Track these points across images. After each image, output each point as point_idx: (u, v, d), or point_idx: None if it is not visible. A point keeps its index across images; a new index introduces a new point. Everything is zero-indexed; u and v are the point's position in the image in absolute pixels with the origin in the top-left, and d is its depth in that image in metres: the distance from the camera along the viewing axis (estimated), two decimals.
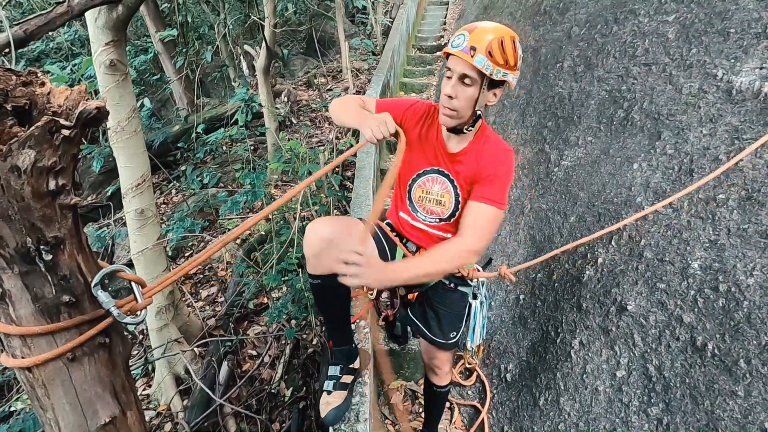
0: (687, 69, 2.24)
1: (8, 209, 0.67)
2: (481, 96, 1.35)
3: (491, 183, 1.41)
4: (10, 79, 0.73)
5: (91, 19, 2.37)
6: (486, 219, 1.40)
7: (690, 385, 1.54)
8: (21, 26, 1.74)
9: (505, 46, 1.30)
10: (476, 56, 1.28)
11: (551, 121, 3.06)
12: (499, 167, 1.43)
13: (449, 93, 1.36)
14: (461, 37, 1.32)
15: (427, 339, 1.77)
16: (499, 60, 1.30)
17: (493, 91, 1.39)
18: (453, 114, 1.39)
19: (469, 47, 1.29)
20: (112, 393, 0.86)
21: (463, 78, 1.33)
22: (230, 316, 3.52)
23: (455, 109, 1.37)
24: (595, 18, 3.14)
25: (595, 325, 1.96)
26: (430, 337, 1.75)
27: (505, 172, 1.44)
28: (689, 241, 1.79)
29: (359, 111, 1.51)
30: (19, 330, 0.72)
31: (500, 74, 1.32)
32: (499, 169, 1.43)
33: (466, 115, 1.39)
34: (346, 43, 7.66)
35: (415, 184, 1.61)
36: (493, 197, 1.40)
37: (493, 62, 1.29)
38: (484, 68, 1.29)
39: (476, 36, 1.30)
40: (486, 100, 1.39)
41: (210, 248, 0.92)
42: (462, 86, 1.34)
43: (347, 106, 1.56)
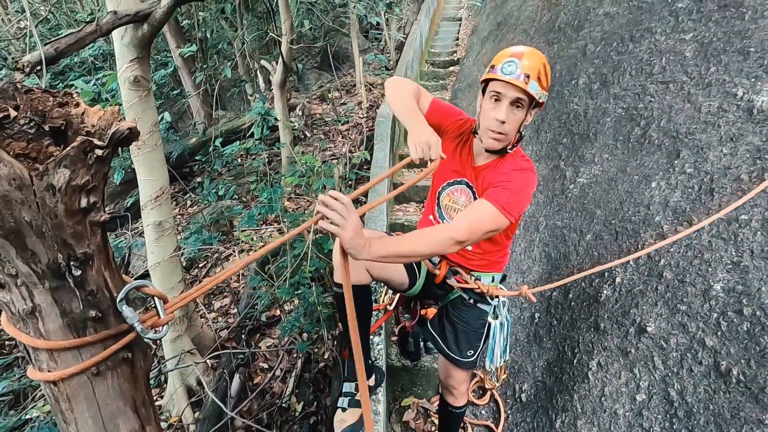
0: (706, 88, 2.22)
1: (42, 226, 0.69)
2: (526, 118, 1.43)
3: (502, 187, 1.40)
4: (48, 101, 0.76)
5: (117, 36, 2.45)
6: (482, 214, 1.36)
7: (714, 412, 1.49)
8: (52, 45, 1.81)
9: (547, 71, 1.40)
10: (530, 83, 1.35)
11: (566, 138, 3.05)
12: (513, 175, 1.43)
13: (503, 118, 1.39)
14: (513, 65, 1.36)
15: (444, 354, 1.76)
16: (545, 84, 1.40)
17: (532, 111, 1.45)
18: (502, 138, 1.43)
19: (524, 74, 1.35)
20: (133, 408, 0.86)
21: (516, 102, 1.39)
22: (243, 328, 3.53)
23: (505, 133, 1.42)
24: (611, 36, 3.15)
25: (613, 346, 1.92)
26: (447, 352, 1.74)
27: (518, 180, 1.42)
28: (711, 263, 1.75)
29: (413, 110, 1.47)
30: (47, 344, 0.74)
31: (544, 97, 1.41)
32: (516, 177, 1.42)
33: (512, 138, 1.45)
34: (360, 58, 7.78)
35: (444, 192, 1.66)
36: (498, 198, 1.37)
37: (541, 87, 1.38)
38: (536, 94, 1.37)
39: (527, 63, 1.36)
40: (527, 120, 1.45)
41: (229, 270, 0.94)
42: (513, 111, 1.40)
43: (404, 97, 1.51)
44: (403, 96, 1.52)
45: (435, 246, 1.28)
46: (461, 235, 1.29)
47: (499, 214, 1.35)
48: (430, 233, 1.30)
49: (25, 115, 0.71)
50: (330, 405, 2.67)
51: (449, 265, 1.69)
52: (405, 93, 1.53)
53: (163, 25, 2.41)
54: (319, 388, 2.97)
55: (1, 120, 0.68)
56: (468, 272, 1.68)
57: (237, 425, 2.79)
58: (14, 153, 0.68)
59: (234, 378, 3.10)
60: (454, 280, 1.67)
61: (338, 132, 7.06)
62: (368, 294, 1.70)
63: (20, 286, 0.71)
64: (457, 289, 1.68)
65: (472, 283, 1.64)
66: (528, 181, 1.44)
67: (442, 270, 1.68)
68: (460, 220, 1.35)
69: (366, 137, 6.08)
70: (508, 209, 1.36)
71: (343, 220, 1.09)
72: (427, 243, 1.27)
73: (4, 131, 0.69)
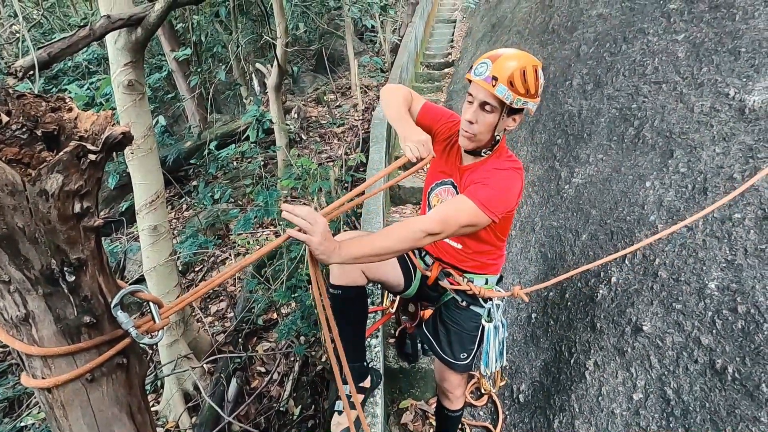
0: (698, 88, 2.24)
1: (35, 232, 0.69)
2: (500, 122, 1.39)
3: (481, 184, 1.39)
4: (40, 106, 0.76)
5: (111, 40, 2.44)
6: (457, 207, 1.34)
7: (710, 410, 1.50)
8: (45, 49, 1.80)
9: (527, 76, 1.31)
10: (498, 86, 1.31)
11: (561, 139, 3.06)
12: (498, 173, 1.41)
13: (470, 118, 1.39)
14: (484, 66, 1.34)
15: (437, 356, 1.76)
16: (520, 89, 1.32)
17: (513, 117, 1.41)
18: (471, 137, 1.42)
19: (491, 76, 1.31)
20: (129, 414, 0.86)
21: (484, 105, 1.36)
22: (239, 332, 3.52)
23: (474, 133, 1.41)
24: (604, 37, 3.17)
25: (609, 345, 1.93)
26: (440, 354, 1.74)
27: (500, 178, 1.39)
28: (705, 261, 1.76)
29: (404, 114, 1.51)
30: (40, 351, 0.73)
31: (520, 103, 1.34)
32: (496, 175, 1.40)
33: (485, 140, 1.43)
34: (355, 60, 7.79)
35: (433, 193, 1.67)
36: (476, 194, 1.35)
37: (513, 92, 1.31)
38: (505, 97, 1.32)
39: (499, 65, 1.32)
40: (505, 125, 1.42)
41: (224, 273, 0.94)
42: (482, 113, 1.38)
43: (396, 102, 1.55)
44: (394, 102, 1.56)
45: (407, 239, 1.25)
46: (432, 227, 1.27)
47: (476, 209, 1.33)
48: (401, 227, 1.28)
49: (17, 120, 0.70)
50: (327, 408, 2.66)
51: (441, 267, 1.69)
52: (396, 99, 1.57)
53: (156, 29, 2.40)
54: (316, 392, 2.96)
55: None
56: (461, 274, 1.66)
57: (234, 430, 2.78)
58: (6, 158, 0.67)
59: (231, 382, 3.08)
60: (446, 282, 1.66)
61: (334, 134, 7.07)
62: (363, 296, 1.69)
63: (13, 292, 0.71)
64: (449, 290, 1.67)
65: (464, 285, 1.63)
66: (510, 181, 1.41)
67: (433, 271, 1.68)
68: (433, 212, 1.34)
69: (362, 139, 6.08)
70: (486, 205, 1.33)
71: (309, 226, 1.08)
72: (398, 237, 1.25)
73: None
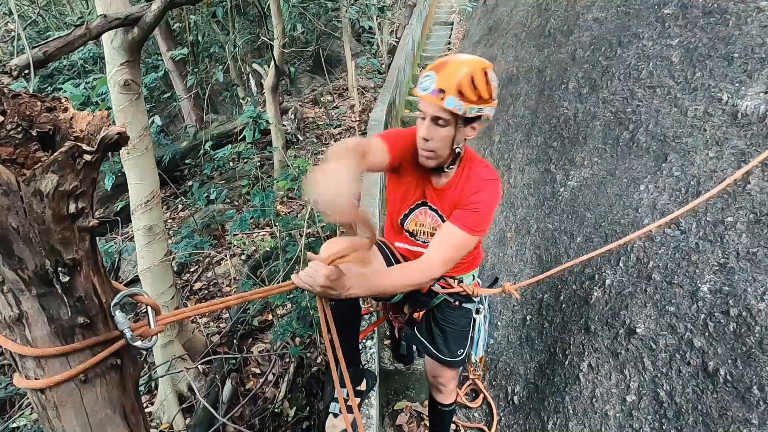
0: (692, 92, 2.26)
1: (29, 232, 0.69)
2: (457, 134, 1.30)
3: (471, 211, 1.37)
4: (36, 105, 0.76)
5: (107, 40, 2.43)
6: (454, 243, 1.36)
7: (702, 412, 1.51)
8: (41, 48, 1.79)
9: (476, 82, 1.22)
10: (446, 98, 1.21)
11: (557, 142, 3.08)
12: (481, 196, 1.37)
13: (424, 135, 1.30)
14: (428, 79, 1.24)
15: (435, 358, 1.76)
16: (471, 97, 1.22)
17: (471, 125, 1.33)
18: (431, 155, 1.34)
19: (438, 90, 1.22)
20: (122, 415, 0.85)
21: (437, 120, 1.27)
22: (235, 333, 3.50)
23: (432, 150, 1.33)
24: (600, 41, 3.20)
25: (603, 347, 1.94)
26: (438, 356, 1.75)
27: (487, 201, 1.38)
28: (698, 264, 1.78)
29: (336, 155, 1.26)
30: (34, 351, 0.73)
31: (474, 111, 1.25)
32: (480, 198, 1.37)
33: (445, 155, 1.35)
34: (352, 61, 7.80)
35: (408, 219, 1.57)
36: (470, 224, 1.35)
37: (465, 101, 1.22)
38: (456, 109, 1.22)
39: (444, 76, 1.22)
40: (464, 135, 1.33)
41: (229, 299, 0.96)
42: (436, 128, 1.28)
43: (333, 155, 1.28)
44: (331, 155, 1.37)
45: (414, 284, 1.35)
46: (440, 271, 1.36)
47: (470, 237, 1.36)
48: (409, 276, 1.34)
49: (12, 120, 0.70)
50: (323, 410, 2.65)
51: None
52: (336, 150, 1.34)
53: (153, 28, 2.39)
54: (311, 393, 2.95)
55: None
56: (450, 277, 1.68)
57: (229, 431, 2.77)
58: (1, 158, 0.67)
59: (226, 383, 3.07)
60: (438, 286, 1.67)
61: (331, 135, 7.07)
62: (355, 300, 1.68)
63: (6, 292, 0.70)
64: (442, 294, 1.68)
65: (456, 287, 1.65)
66: (494, 197, 1.39)
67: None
68: (435, 256, 1.35)
69: None
70: (477, 229, 1.37)
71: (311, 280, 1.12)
72: (408, 282, 1.34)
73: None
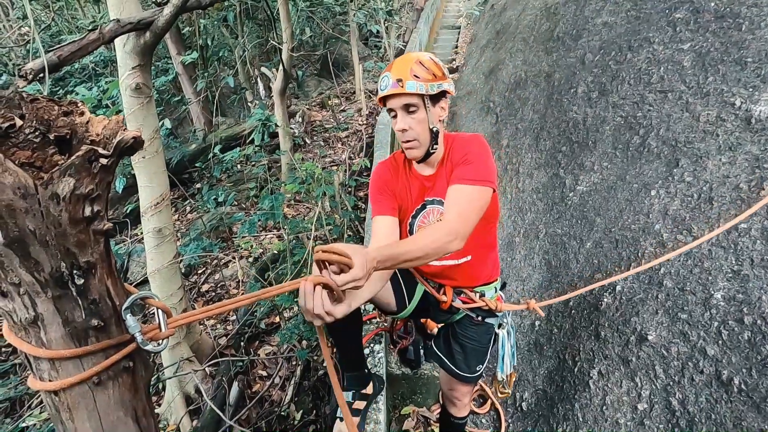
0: (704, 97, 2.24)
1: (46, 235, 0.69)
2: (429, 115, 1.38)
3: (464, 164, 1.38)
4: (53, 109, 0.77)
5: (120, 44, 2.46)
6: (465, 198, 1.33)
7: (716, 422, 1.49)
8: (55, 52, 1.81)
9: (425, 64, 1.34)
10: (406, 84, 1.32)
11: (566, 146, 3.06)
12: (466, 147, 1.41)
13: (402, 127, 1.38)
14: (386, 79, 1.36)
15: (452, 374, 1.71)
16: (427, 76, 1.33)
17: (439, 104, 1.40)
18: (414, 144, 1.40)
19: (396, 81, 1.33)
20: (134, 418, 0.86)
21: (407, 108, 1.36)
22: (242, 336, 3.51)
23: (414, 138, 1.39)
24: (609, 45, 3.18)
25: (614, 354, 1.92)
26: (456, 372, 1.69)
27: (476, 151, 1.39)
28: (711, 271, 1.75)
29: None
30: (49, 353, 0.73)
31: (435, 88, 1.35)
32: (466, 150, 1.40)
33: (426, 138, 1.40)
34: (359, 65, 7.83)
35: (416, 222, 1.56)
36: (469, 176, 1.34)
37: (423, 81, 1.33)
38: (419, 90, 1.32)
39: (396, 69, 1.34)
40: (436, 115, 1.40)
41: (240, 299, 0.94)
42: (409, 116, 1.37)
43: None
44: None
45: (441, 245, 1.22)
46: (459, 227, 1.25)
47: (477, 188, 1.33)
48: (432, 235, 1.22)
49: (30, 124, 0.71)
50: (329, 413, 2.65)
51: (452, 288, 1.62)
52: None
53: (165, 33, 2.42)
54: (318, 396, 2.95)
55: (6, 129, 0.68)
56: (471, 290, 1.62)
57: None
58: (19, 162, 0.68)
59: (232, 386, 3.08)
60: (459, 302, 1.61)
61: (338, 139, 7.09)
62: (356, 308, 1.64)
63: (23, 294, 0.71)
64: (464, 309, 1.62)
65: (478, 301, 1.59)
66: (479, 145, 1.41)
67: (448, 295, 1.60)
68: (450, 214, 1.30)
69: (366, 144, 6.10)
70: (480, 178, 1.34)
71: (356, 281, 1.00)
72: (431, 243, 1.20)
73: (10, 140, 0.69)
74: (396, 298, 1.62)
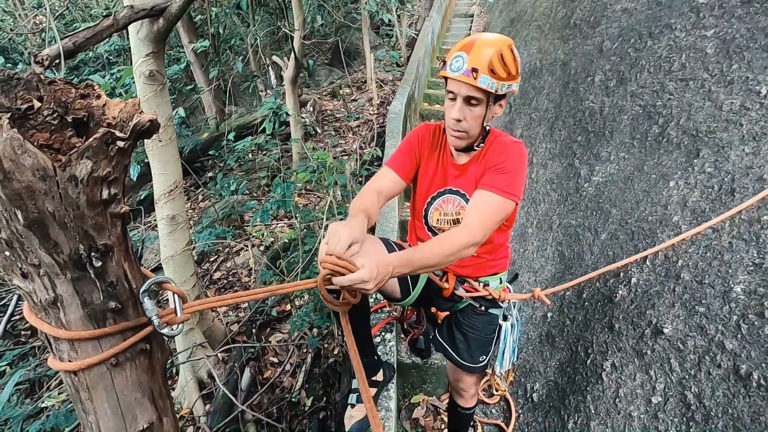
0: (728, 85, 2.17)
1: (65, 217, 0.70)
2: (488, 112, 1.33)
3: (498, 171, 1.34)
4: (70, 92, 0.76)
5: (133, 31, 2.46)
6: (488, 206, 1.30)
7: (733, 416, 1.46)
8: (70, 38, 1.82)
9: (505, 59, 1.26)
10: (479, 77, 1.24)
11: (581, 136, 3.01)
12: (506, 155, 1.36)
13: (456, 116, 1.33)
14: (459, 59, 1.27)
15: (456, 363, 1.70)
16: (502, 74, 1.26)
17: (499, 103, 1.36)
18: (463, 135, 1.37)
19: (470, 69, 1.24)
20: (151, 399, 0.87)
21: (469, 100, 1.30)
22: (253, 323, 3.55)
23: (464, 131, 1.35)
24: (628, 32, 3.09)
25: (628, 347, 1.89)
26: (459, 361, 1.69)
27: (513, 160, 1.35)
28: (731, 264, 1.71)
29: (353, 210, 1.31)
30: (68, 334, 0.74)
31: (505, 88, 1.29)
32: (505, 157, 1.36)
33: (476, 134, 1.38)
34: (371, 54, 7.76)
35: (432, 206, 1.56)
36: (499, 185, 1.31)
37: (496, 78, 1.25)
38: (489, 87, 1.26)
39: (475, 55, 1.25)
40: (493, 113, 1.37)
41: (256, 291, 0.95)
42: (468, 107, 1.32)
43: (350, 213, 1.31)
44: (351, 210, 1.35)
45: (458, 251, 1.23)
46: (478, 237, 1.25)
47: (503, 200, 1.31)
48: (446, 243, 1.22)
49: (48, 105, 0.71)
50: (339, 400, 2.67)
51: (455, 276, 1.61)
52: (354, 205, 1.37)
53: (178, 19, 2.41)
54: (328, 384, 2.98)
55: (25, 111, 0.68)
56: (475, 279, 1.61)
57: (247, 418, 2.82)
58: (38, 144, 0.68)
59: (244, 371, 3.12)
60: (462, 290, 1.60)
61: (349, 128, 7.06)
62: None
63: (43, 276, 0.72)
64: (466, 298, 1.62)
65: (481, 291, 1.58)
66: (519, 156, 1.37)
67: (450, 283, 1.59)
68: (472, 221, 1.29)
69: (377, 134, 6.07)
70: (510, 191, 1.31)
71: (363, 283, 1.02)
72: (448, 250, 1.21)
73: (28, 122, 0.69)
74: (400, 285, 1.63)
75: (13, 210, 0.66)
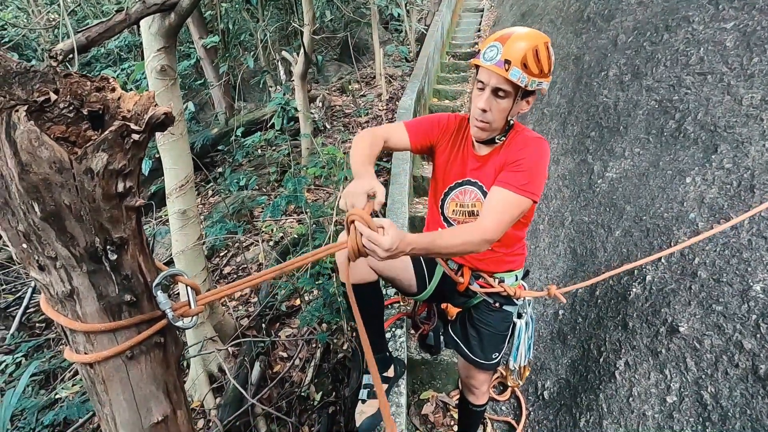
0: (748, 79, 2.12)
1: (81, 210, 0.69)
2: (514, 107, 1.32)
3: (515, 169, 1.32)
4: (86, 85, 0.76)
5: (145, 26, 2.47)
6: (504, 204, 1.29)
7: (751, 417, 1.43)
8: (83, 33, 1.83)
9: (540, 55, 1.24)
10: (511, 70, 1.23)
11: (595, 131, 2.96)
12: (526, 151, 1.34)
13: (483, 106, 1.31)
14: (494, 49, 1.26)
15: (468, 360, 1.69)
16: (534, 70, 1.25)
17: (527, 99, 1.35)
18: (486, 126, 1.35)
19: (503, 60, 1.23)
20: (165, 392, 0.87)
21: (497, 91, 1.29)
22: (263, 317, 3.57)
23: (488, 122, 1.34)
24: (644, 25, 3.03)
25: (642, 345, 1.87)
26: (472, 357, 1.68)
27: (535, 158, 1.33)
28: (750, 262, 1.68)
29: (361, 158, 1.33)
30: (84, 326, 0.74)
31: (535, 84, 1.28)
32: (525, 154, 1.33)
33: (499, 127, 1.36)
34: (380, 49, 7.72)
35: (449, 197, 1.55)
36: (516, 183, 1.29)
37: (528, 73, 1.24)
38: (519, 81, 1.24)
39: (510, 47, 1.24)
40: (519, 109, 1.35)
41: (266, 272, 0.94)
42: (496, 99, 1.30)
43: (358, 146, 1.37)
44: (358, 144, 1.39)
45: (471, 246, 1.24)
46: (492, 234, 1.25)
47: (520, 198, 1.29)
48: (460, 236, 1.23)
49: (64, 98, 0.71)
50: (349, 396, 2.68)
51: (471, 270, 1.60)
52: (362, 141, 1.40)
53: (189, 13, 2.42)
54: (337, 379, 2.99)
55: (42, 103, 0.68)
56: (490, 275, 1.59)
57: (257, 412, 2.84)
58: (54, 136, 0.68)
59: (254, 366, 3.14)
60: (477, 285, 1.59)
61: (358, 124, 7.05)
62: (377, 289, 1.64)
63: (59, 268, 0.72)
64: (481, 294, 1.60)
65: (497, 287, 1.56)
66: (540, 153, 1.34)
67: (465, 277, 1.58)
68: (486, 218, 1.28)
69: None
70: (527, 189, 1.29)
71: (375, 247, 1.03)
72: (461, 243, 1.21)
73: (45, 115, 0.69)
74: (417, 279, 1.63)
75: (31, 202, 0.66)
